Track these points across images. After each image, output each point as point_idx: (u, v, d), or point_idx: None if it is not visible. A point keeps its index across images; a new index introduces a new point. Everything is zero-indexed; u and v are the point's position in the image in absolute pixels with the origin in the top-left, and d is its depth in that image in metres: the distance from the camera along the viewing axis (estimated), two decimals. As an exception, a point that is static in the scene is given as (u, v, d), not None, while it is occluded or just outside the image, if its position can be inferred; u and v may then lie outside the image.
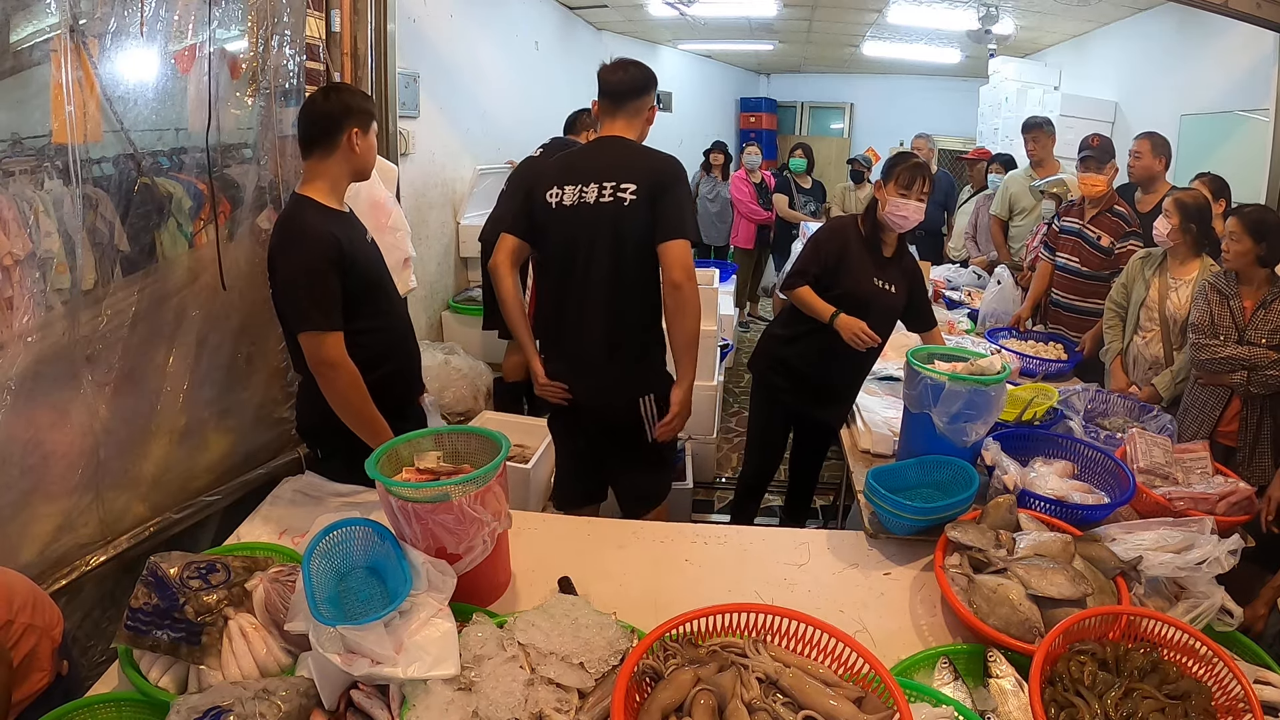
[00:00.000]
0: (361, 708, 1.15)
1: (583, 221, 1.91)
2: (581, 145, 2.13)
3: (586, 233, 1.91)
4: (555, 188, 1.93)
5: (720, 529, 1.82)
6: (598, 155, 1.96)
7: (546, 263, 2.05)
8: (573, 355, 2.01)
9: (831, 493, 3.27)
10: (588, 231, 1.91)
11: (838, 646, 1.16)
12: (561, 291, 1.99)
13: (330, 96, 1.75)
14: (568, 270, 1.96)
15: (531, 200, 1.97)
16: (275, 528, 1.74)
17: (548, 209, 1.94)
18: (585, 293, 1.94)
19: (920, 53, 7.59)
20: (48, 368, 1.55)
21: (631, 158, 1.92)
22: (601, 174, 1.91)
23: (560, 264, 1.97)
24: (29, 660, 1.22)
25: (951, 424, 1.89)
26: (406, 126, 3.90)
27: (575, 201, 1.92)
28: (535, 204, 1.97)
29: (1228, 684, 1.17)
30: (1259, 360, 2.15)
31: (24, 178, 1.51)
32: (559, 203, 1.93)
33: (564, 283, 1.98)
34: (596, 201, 1.90)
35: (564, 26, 6.55)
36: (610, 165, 1.91)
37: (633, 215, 1.88)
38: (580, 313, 1.96)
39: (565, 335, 2.03)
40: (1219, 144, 4.19)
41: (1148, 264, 2.67)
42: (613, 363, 1.97)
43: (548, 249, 2.01)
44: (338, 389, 1.70)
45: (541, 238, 1.99)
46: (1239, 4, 3.03)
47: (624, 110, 1.96)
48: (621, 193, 1.88)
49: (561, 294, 1.99)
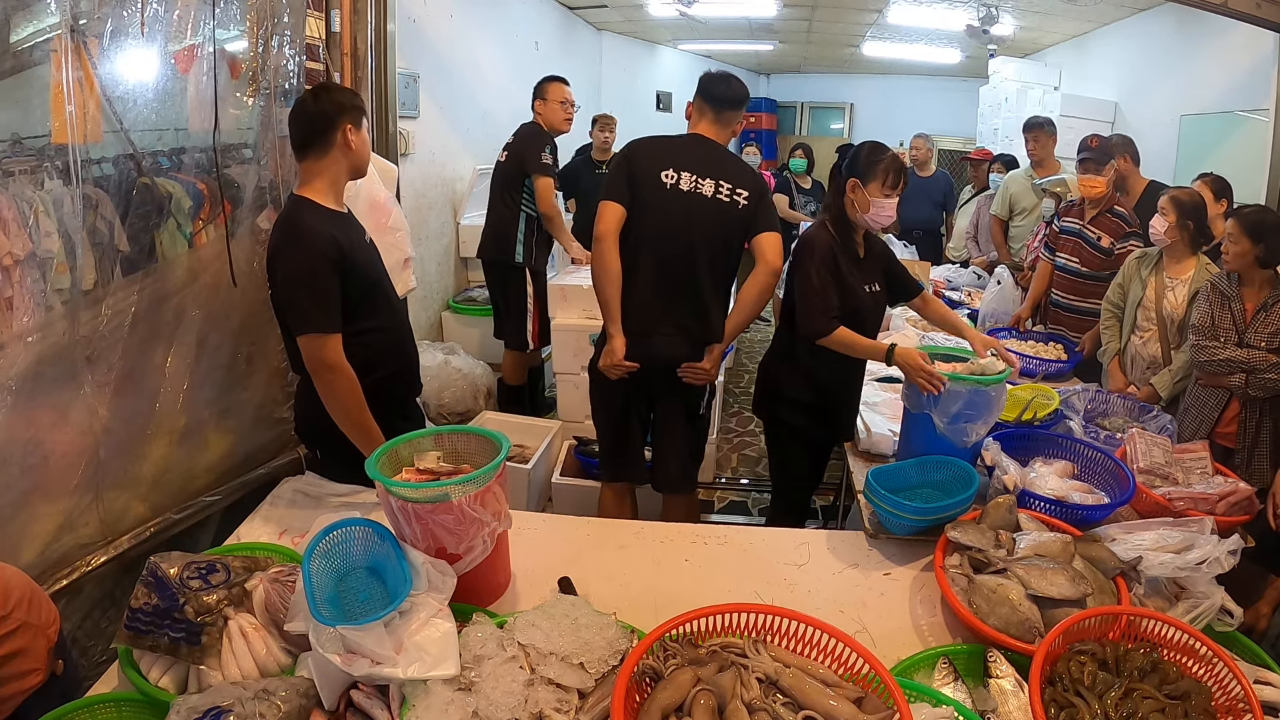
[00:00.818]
0: (361, 708, 1.15)
1: (694, 209, 2.13)
2: (682, 136, 2.23)
3: (703, 220, 2.14)
4: (671, 170, 2.13)
5: (720, 529, 1.82)
6: (708, 152, 2.18)
7: (637, 236, 2.16)
8: (650, 330, 2.17)
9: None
10: (699, 220, 2.13)
11: (838, 646, 1.16)
12: (654, 267, 2.16)
13: (320, 97, 1.75)
14: (666, 249, 2.15)
15: (634, 175, 2.13)
16: (275, 528, 1.74)
17: (661, 187, 2.12)
18: (682, 273, 2.15)
19: (920, 53, 7.60)
20: (48, 368, 1.55)
21: (740, 166, 2.21)
22: (718, 173, 2.15)
23: (655, 242, 2.15)
24: (23, 657, 1.22)
25: (951, 424, 1.89)
26: (406, 126, 3.90)
27: (691, 189, 2.14)
28: (640, 178, 2.13)
29: (1228, 684, 1.17)
30: (1258, 363, 2.15)
31: (24, 178, 1.51)
32: (674, 185, 2.13)
33: (660, 260, 2.15)
34: (714, 196, 2.14)
35: (564, 26, 6.55)
36: (725, 166, 2.17)
37: (741, 217, 2.17)
38: (672, 291, 2.16)
39: (647, 309, 2.17)
40: (1219, 144, 4.19)
41: (1144, 263, 2.67)
42: (689, 342, 2.21)
43: (645, 224, 2.15)
44: (335, 392, 1.70)
45: (641, 212, 2.14)
46: (1239, 4, 3.03)
47: (722, 119, 2.20)
48: (738, 196, 2.15)
49: (653, 269, 2.16)
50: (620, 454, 2.37)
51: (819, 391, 2.23)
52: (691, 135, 2.21)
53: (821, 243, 2.11)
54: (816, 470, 2.44)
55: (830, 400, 2.25)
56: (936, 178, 5.35)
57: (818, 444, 2.38)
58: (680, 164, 2.13)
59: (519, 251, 3.51)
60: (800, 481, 2.42)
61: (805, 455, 2.37)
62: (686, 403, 2.30)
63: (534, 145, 3.37)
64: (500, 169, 3.53)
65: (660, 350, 2.19)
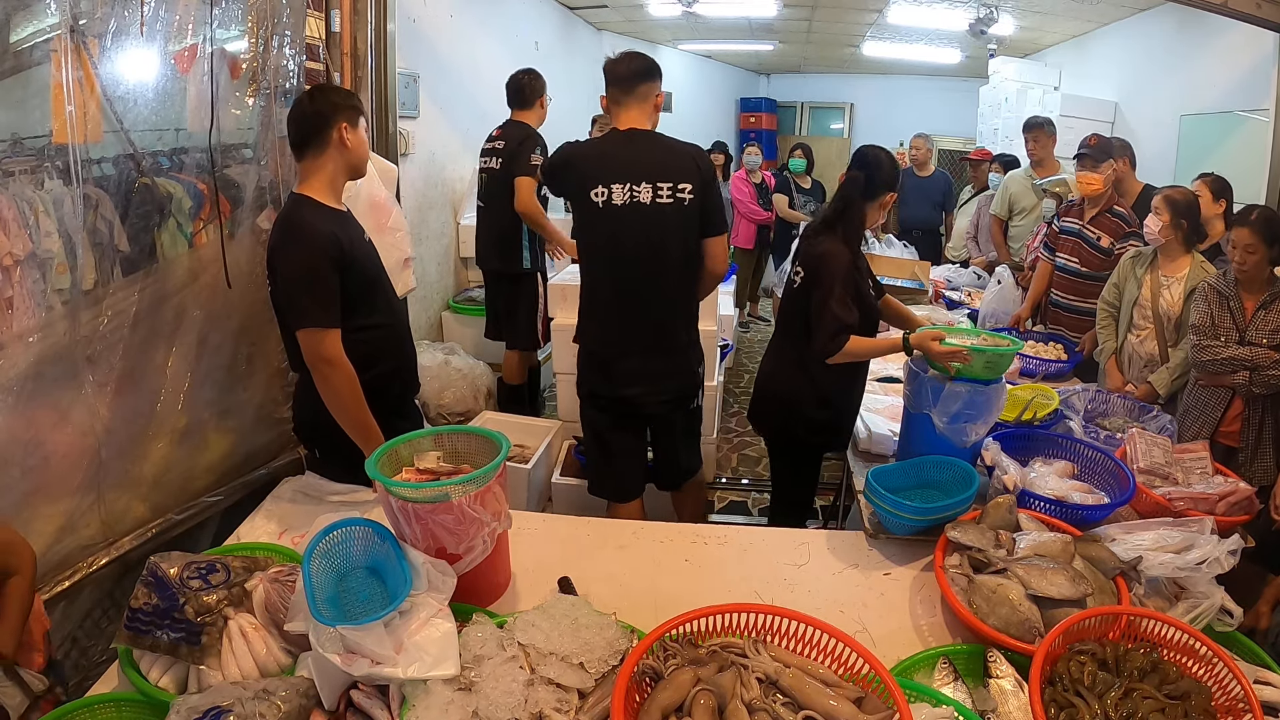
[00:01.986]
0: (361, 708, 1.15)
1: (641, 222, 1.96)
2: (607, 137, 2.08)
3: (647, 233, 1.97)
4: (599, 186, 1.96)
5: (720, 529, 1.82)
6: (637, 151, 2.00)
7: (594, 258, 2.09)
8: (629, 349, 2.08)
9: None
10: (649, 232, 1.97)
11: (838, 646, 1.16)
12: (610, 288, 2.06)
13: (316, 97, 1.78)
14: (615, 270, 2.03)
15: (568, 192, 2.07)
16: (275, 528, 1.75)
17: (593, 208, 1.97)
18: (648, 288, 2.04)
19: (920, 53, 7.60)
20: (49, 368, 1.55)
21: (677, 155, 2.00)
22: (653, 173, 1.95)
23: (610, 263, 2.04)
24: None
25: (951, 424, 1.89)
26: (406, 126, 3.90)
27: (626, 201, 1.96)
28: (573, 197, 2.03)
29: (1227, 684, 1.17)
30: (1261, 360, 2.15)
31: (24, 178, 1.51)
32: (606, 202, 1.96)
33: (614, 281, 2.05)
34: (654, 202, 1.96)
35: (564, 26, 6.55)
36: (659, 164, 1.97)
37: (690, 215, 2.00)
38: (645, 309, 2.06)
39: (624, 331, 2.09)
40: (1219, 144, 4.19)
41: (1138, 263, 2.67)
42: (671, 354, 2.12)
43: (594, 246, 2.05)
44: (334, 386, 1.70)
45: (581, 232, 2.06)
46: (1239, 4, 3.03)
47: (633, 96, 2.01)
48: (680, 193, 1.97)
49: (609, 290, 2.06)
50: (626, 476, 2.28)
51: (835, 407, 2.19)
52: (625, 133, 2.02)
53: (843, 262, 2.01)
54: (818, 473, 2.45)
55: (844, 412, 2.24)
56: (936, 178, 5.36)
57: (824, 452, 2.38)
58: (609, 176, 1.96)
59: (525, 258, 3.47)
60: (810, 488, 2.40)
61: (817, 467, 2.36)
62: (678, 415, 2.24)
63: (527, 148, 3.29)
64: (494, 176, 3.40)
65: (647, 393, 2.12)
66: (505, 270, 3.52)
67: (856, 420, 2.32)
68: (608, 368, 2.11)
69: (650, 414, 2.18)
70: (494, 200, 3.44)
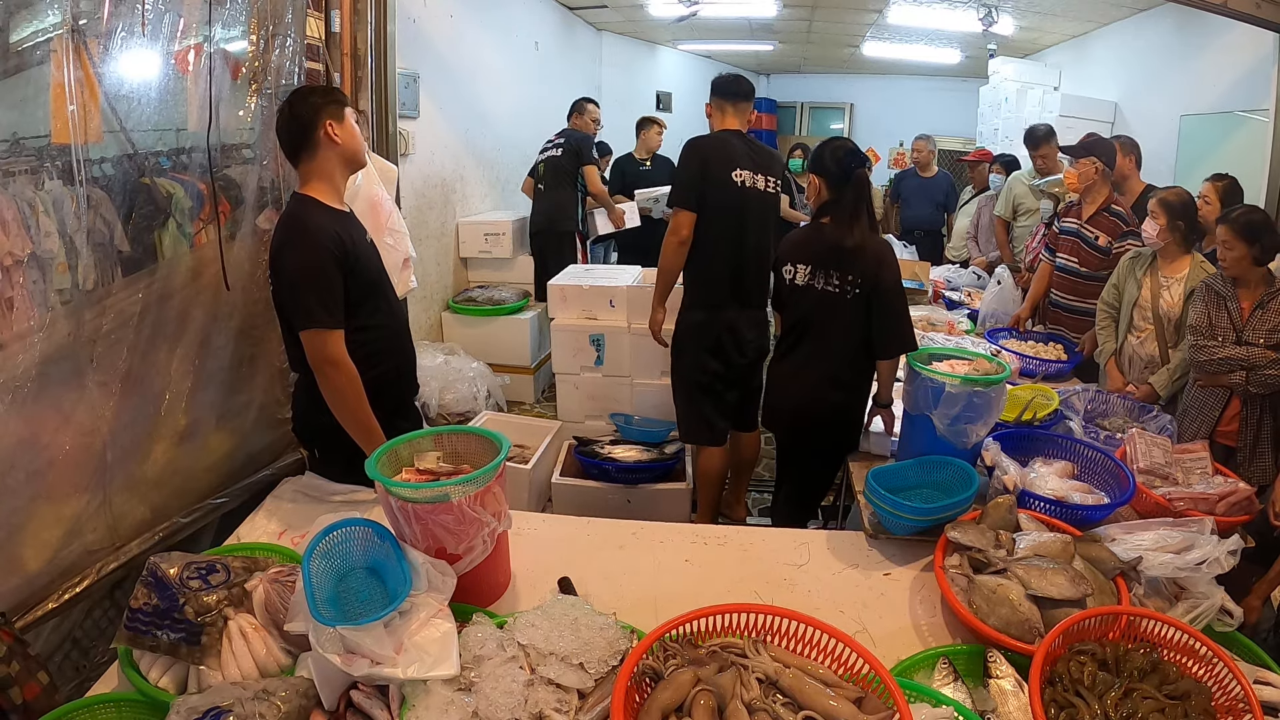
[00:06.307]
0: (361, 708, 1.15)
1: (753, 203, 2.51)
2: (725, 134, 2.55)
3: (757, 212, 2.52)
4: (739, 169, 2.48)
5: (720, 529, 1.83)
6: (750, 147, 2.55)
7: (721, 229, 2.50)
8: (729, 305, 2.55)
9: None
10: (758, 212, 2.52)
11: (838, 647, 1.16)
12: (731, 255, 2.51)
13: (294, 103, 1.76)
14: (737, 238, 2.50)
15: (708, 175, 2.45)
16: (275, 527, 1.75)
17: (731, 185, 2.46)
18: (750, 258, 2.52)
19: (920, 53, 7.60)
20: (51, 369, 1.54)
21: (770, 154, 2.62)
22: (760, 166, 2.52)
23: (727, 231, 2.49)
24: None
25: (952, 426, 1.89)
26: (406, 126, 3.91)
27: (749, 184, 2.50)
28: (713, 179, 2.45)
29: (1227, 684, 1.17)
30: (1258, 360, 2.15)
31: (24, 178, 1.51)
32: (743, 183, 2.48)
33: (734, 249, 2.51)
34: (764, 189, 2.53)
35: (564, 26, 6.55)
36: (764, 160, 2.55)
37: (777, 202, 2.62)
38: (744, 274, 2.53)
39: (730, 289, 2.55)
40: (1219, 144, 4.19)
41: (1138, 264, 2.67)
42: (759, 315, 2.65)
43: (714, 218, 2.47)
44: (337, 387, 1.70)
45: (714, 209, 2.47)
46: (1239, 4, 3.03)
47: (739, 110, 2.57)
48: (771, 185, 2.55)
49: (730, 257, 2.51)
50: (715, 420, 2.68)
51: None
52: (737, 133, 2.55)
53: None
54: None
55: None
56: (937, 178, 5.35)
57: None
58: (743, 163, 2.47)
59: (579, 220, 4.72)
60: (829, 486, 2.58)
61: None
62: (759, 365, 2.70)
63: (588, 144, 4.59)
64: (557, 162, 4.53)
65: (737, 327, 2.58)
66: (561, 229, 4.60)
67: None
68: (729, 321, 2.55)
69: (750, 361, 2.65)
70: (553, 177, 4.57)
